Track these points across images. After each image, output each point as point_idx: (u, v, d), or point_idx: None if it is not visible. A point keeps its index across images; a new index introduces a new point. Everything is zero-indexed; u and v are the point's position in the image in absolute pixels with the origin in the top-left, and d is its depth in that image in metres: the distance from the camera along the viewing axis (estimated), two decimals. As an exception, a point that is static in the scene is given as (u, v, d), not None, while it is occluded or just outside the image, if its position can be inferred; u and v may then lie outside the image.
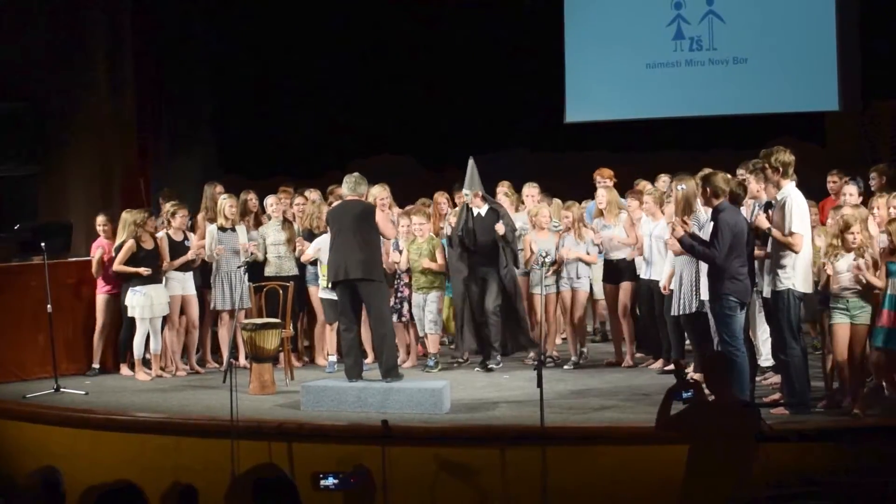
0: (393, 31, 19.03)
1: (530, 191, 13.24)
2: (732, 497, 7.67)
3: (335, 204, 11.81)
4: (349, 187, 11.18)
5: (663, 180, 12.95)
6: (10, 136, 15.92)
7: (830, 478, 8.50)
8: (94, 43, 16.90)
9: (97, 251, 12.76)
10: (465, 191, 12.40)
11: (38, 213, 15.93)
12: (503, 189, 13.47)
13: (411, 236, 12.61)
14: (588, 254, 12.52)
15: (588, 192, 13.86)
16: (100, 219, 13.17)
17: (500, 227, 12.15)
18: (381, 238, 11.24)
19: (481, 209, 12.36)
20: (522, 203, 13.43)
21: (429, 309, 12.35)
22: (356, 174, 11.32)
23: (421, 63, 18.91)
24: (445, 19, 18.77)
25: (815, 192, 11.59)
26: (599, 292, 13.21)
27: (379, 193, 12.82)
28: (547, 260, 11.57)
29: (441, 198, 13.71)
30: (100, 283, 12.77)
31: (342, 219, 11.05)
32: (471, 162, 12.37)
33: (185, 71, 18.73)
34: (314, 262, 12.62)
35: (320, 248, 12.27)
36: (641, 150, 16.83)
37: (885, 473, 8.49)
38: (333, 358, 12.45)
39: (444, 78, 18.63)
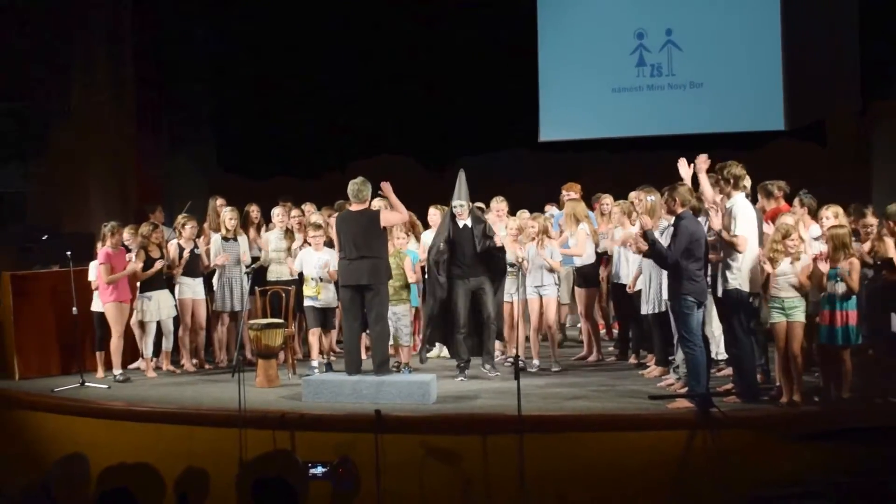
0: (393, 31, 18.03)
1: (499, 206, 12.87)
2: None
3: (342, 212, 11.59)
4: (353, 193, 11.05)
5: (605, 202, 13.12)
6: (10, 135, 15.28)
7: (829, 478, 8.31)
8: (94, 43, 16.07)
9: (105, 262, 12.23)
10: (456, 202, 11.63)
11: (30, 212, 15.42)
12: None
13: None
14: (552, 258, 12.05)
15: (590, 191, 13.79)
16: (112, 227, 12.38)
17: (498, 240, 11.55)
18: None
19: (466, 221, 11.65)
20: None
21: (402, 323, 11.75)
22: (360, 178, 11.10)
23: (421, 63, 17.97)
24: (445, 19, 17.87)
25: (817, 193, 11.45)
26: (563, 297, 13.12)
27: (376, 204, 12.70)
28: (513, 269, 11.56)
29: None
30: (105, 292, 12.19)
31: (350, 228, 10.96)
32: (461, 174, 11.70)
33: (185, 71, 17.88)
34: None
35: (303, 261, 12.22)
36: (641, 150, 16.68)
37: (885, 473, 8.33)
38: (315, 362, 12.14)
39: (444, 78, 17.83)
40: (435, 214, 12.99)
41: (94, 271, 12.30)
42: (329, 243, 12.47)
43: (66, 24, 15.75)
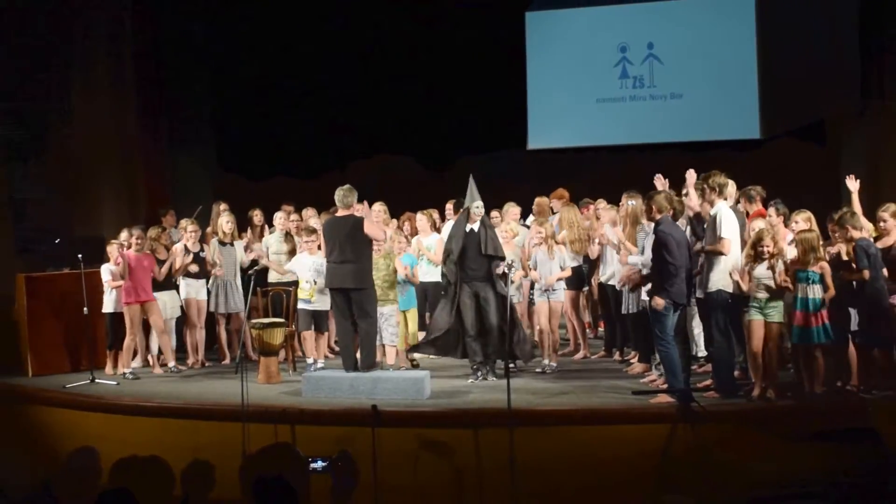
0: (393, 31, 17.20)
1: (514, 210, 12.85)
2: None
3: (329, 218, 11.53)
4: (339, 199, 10.96)
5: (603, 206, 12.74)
6: (10, 135, 14.60)
7: (829, 478, 8.07)
8: (94, 43, 15.37)
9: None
10: (476, 204, 11.22)
11: (31, 214, 14.82)
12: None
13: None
14: (561, 269, 11.75)
15: (584, 193, 13.60)
16: (136, 232, 12.29)
17: (499, 269, 11.01)
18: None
19: (474, 225, 11.23)
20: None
21: (388, 323, 11.58)
22: (346, 186, 11.01)
23: (421, 63, 17.17)
24: (445, 19, 17.09)
25: (819, 192, 11.25)
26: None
27: (377, 209, 12.64)
28: (510, 270, 11.46)
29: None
30: (128, 293, 12.07)
31: (336, 233, 10.94)
32: (471, 179, 11.37)
33: (185, 71, 17.10)
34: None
35: (298, 265, 12.13)
36: (642, 150, 16.55)
37: (885, 473, 8.12)
38: (311, 359, 12.07)
39: (445, 78, 17.10)
40: (421, 220, 12.81)
41: (108, 273, 12.24)
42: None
43: (66, 24, 15.19)
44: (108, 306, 12.30)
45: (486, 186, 11.75)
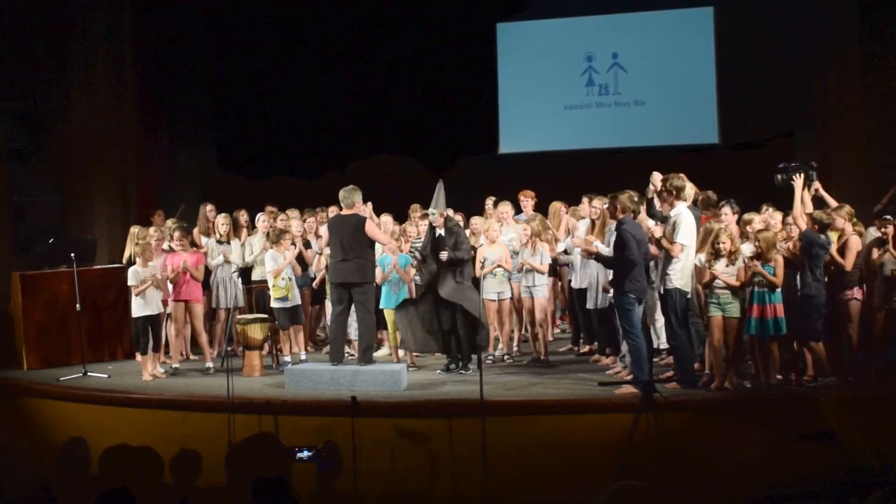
0: (393, 31, 16.78)
1: (504, 208, 12.50)
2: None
3: (334, 215, 11.47)
4: (342, 199, 10.98)
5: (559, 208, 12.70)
6: (10, 136, 14.20)
7: (829, 478, 7.79)
8: (94, 43, 14.94)
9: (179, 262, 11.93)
10: (430, 210, 11.33)
11: (31, 213, 14.65)
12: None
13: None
14: (541, 263, 11.54)
15: (554, 195, 13.23)
16: (176, 233, 12.06)
17: (443, 255, 11.05)
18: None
19: (442, 230, 11.22)
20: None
21: (352, 318, 11.44)
22: (350, 186, 11.01)
23: (421, 63, 16.79)
24: (447, 20, 16.70)
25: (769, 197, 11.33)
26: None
27: (385, 220, 12.66)
28: (498, 270, 11.46)
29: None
30: (175, 291, 11.89)
31: (339, 230, 10.90)
32: (440, 184, 11.33)
33: (185, 71, 16.62)
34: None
35: (269, 263, 11.87)
36: (607, 155, 16.45)
37: (885, 473, 7.88)
38: (287, 357, 11.97)
39: (444, 78, 16.74)
40: (387, 222, 12.61)
41: (134, 278, 11.61)
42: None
43: (67, 24, 14.84)
44: (137, 311, 11.61)
45: (489, 185, 11.42)
